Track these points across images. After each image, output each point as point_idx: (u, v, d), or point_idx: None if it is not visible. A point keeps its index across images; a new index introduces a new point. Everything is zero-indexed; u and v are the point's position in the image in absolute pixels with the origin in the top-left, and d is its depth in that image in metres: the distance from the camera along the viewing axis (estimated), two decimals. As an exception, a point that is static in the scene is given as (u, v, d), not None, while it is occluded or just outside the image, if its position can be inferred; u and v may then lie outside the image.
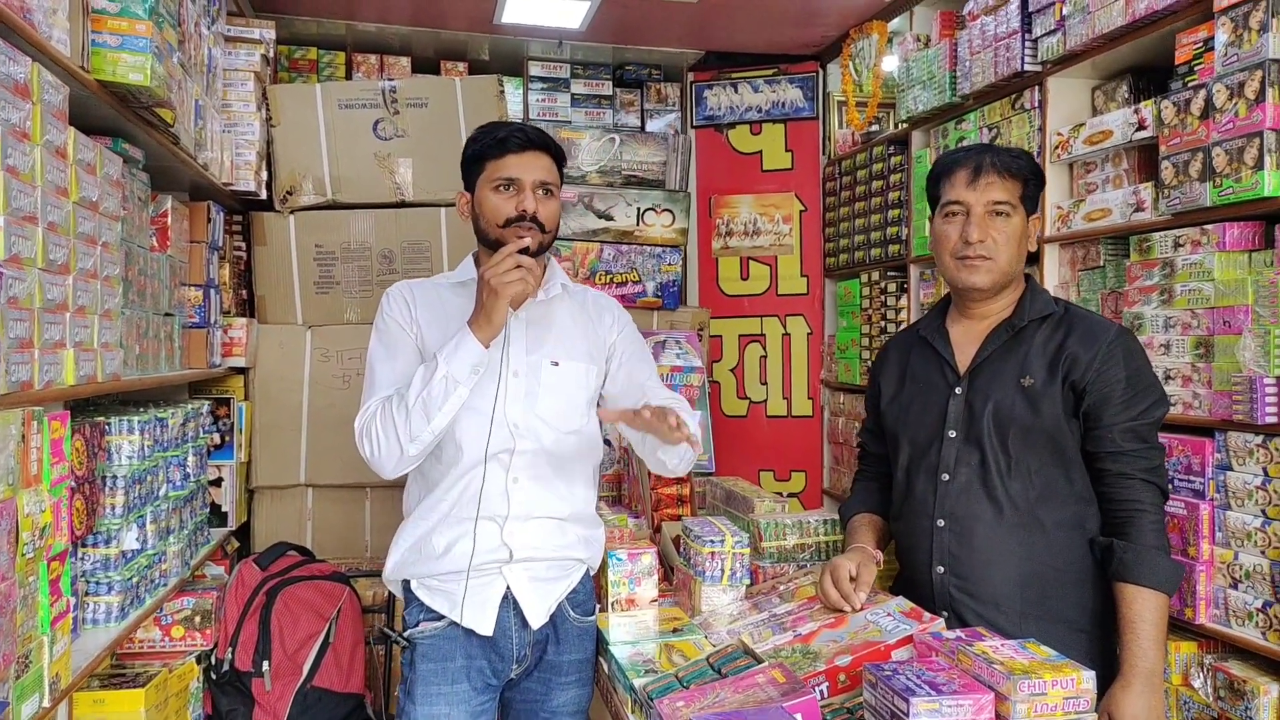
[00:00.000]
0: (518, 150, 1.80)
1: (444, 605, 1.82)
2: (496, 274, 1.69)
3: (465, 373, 1.71)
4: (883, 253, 3.58)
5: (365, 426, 1.78)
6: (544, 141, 1.83)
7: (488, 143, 1.81)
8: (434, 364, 1.72)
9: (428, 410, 1.70)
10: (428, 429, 1.72)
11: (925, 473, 1.87)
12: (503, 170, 1.80)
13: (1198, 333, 2.13)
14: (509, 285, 1.69)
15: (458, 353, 1.71)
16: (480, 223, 1.84)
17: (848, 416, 3.89)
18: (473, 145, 1.85)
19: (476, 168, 1.84)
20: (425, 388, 1.71)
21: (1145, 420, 1.74)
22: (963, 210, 1.83)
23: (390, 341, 1.85)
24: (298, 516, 3.30)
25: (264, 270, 3.32)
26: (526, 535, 1.81)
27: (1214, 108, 2.07)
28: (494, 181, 1.80)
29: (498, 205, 1.80)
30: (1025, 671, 1.37)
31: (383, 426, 1.74)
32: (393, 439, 1.73)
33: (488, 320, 1.71)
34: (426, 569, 1.83)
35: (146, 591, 2.16)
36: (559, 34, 3.90)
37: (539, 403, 1.82)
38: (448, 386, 1.70)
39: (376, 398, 1.79)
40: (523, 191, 1.79)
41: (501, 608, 1.81)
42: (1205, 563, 2.09)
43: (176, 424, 2.39)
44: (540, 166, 1.81)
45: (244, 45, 3.08)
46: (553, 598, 1.85)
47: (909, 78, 3.29)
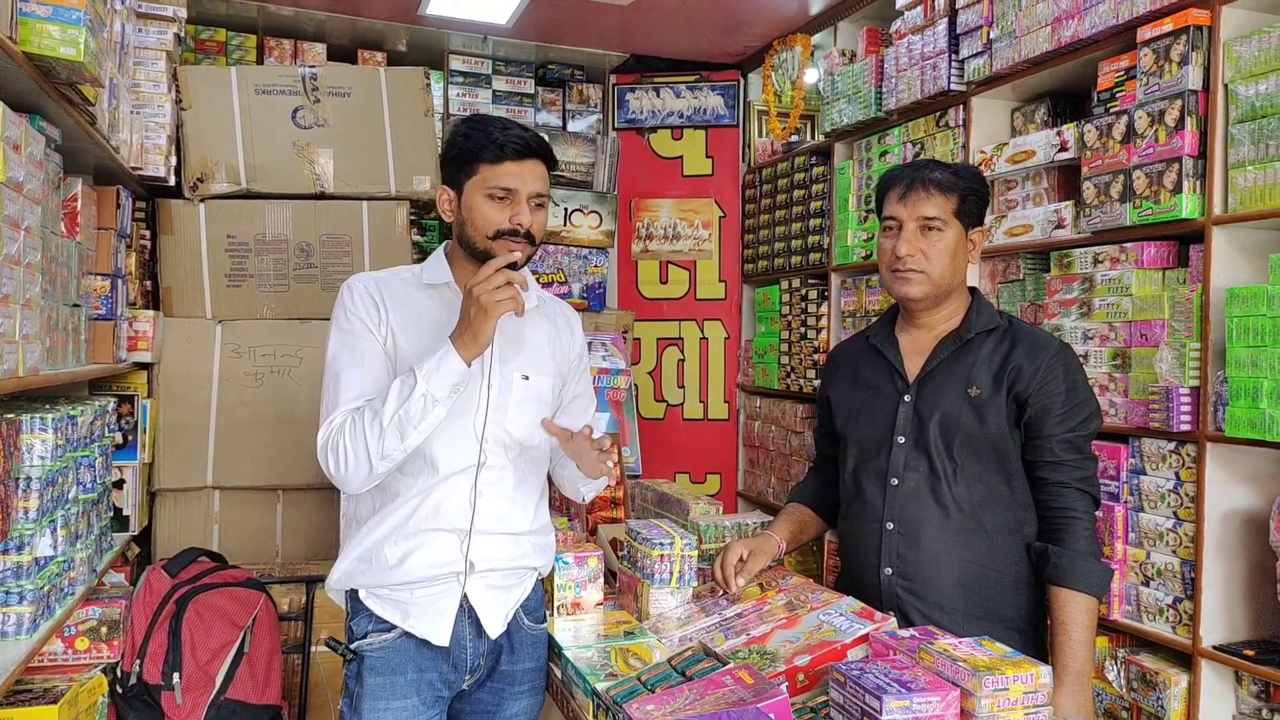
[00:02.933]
0: (517, 158, 1.69)
1: (396, 615, 1.74)
2: (486, 291, 1.57)
3: (445, 392, 1.61)
4: (803, 260, 3.66)
5: (331, 441, 1.66)
6: (543, 149, 1.73)
7: (484, 144, 1.69)
8: (412, 379, 1.61)
9: (403, 429, 1.60)
10: (401, 448, 1.62)
11: (874, 476, 1.92)
12: (500, 178, 1.68)
13: (1115, 345, 2.26)
14: (499, 304, 1.58)
15: (439, 371, 1.60)
16: (467, 229, 1.73)
17: (764, 420, 3.96)
18: (464, 142, 1.71)
19: (467, 168, 1.71)
20: (402, 406, 1.60)
21: (1081, 432, 1.84)
22: (896, 224, 1.90)
23: (356, 345, 1.72)
24: (203, 520, 3.14)
25: (171, 261, 3.14)
26: (489, 549, 1.76)
27: (1135, 133, 2.19)
28: (489, 189, 1.68)
29: (490, 215, 1.69)
30: (988, 668, 1.42)
31: (352, 443, 1.63)
32: (363, 457, 1.63)
33: (474, 339, 1.60)
34: (378, 579, 1.74)
35: (57, 601, 2.02)
36: (485, 29, 3.85)
37: (508, 417, 1.76)
38: (426, 405, 1.60)
39: (343, 409, 1.67)
40: (519, 204, 1.69)
41: (457, 617, 1.75)
42: (1119, 562, 2.22)
43: (86, 422, 2.24)
44: (537, 176, 1.72)
45: (156, 22, 2.92)
46: (509, 605, 1.81)
47: (834, 91, 3.38)
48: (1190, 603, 2.06)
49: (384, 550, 1.73)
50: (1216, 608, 2.04)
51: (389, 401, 1.61)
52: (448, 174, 1.75)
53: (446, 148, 1.76)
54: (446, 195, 1.76)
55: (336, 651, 1.78)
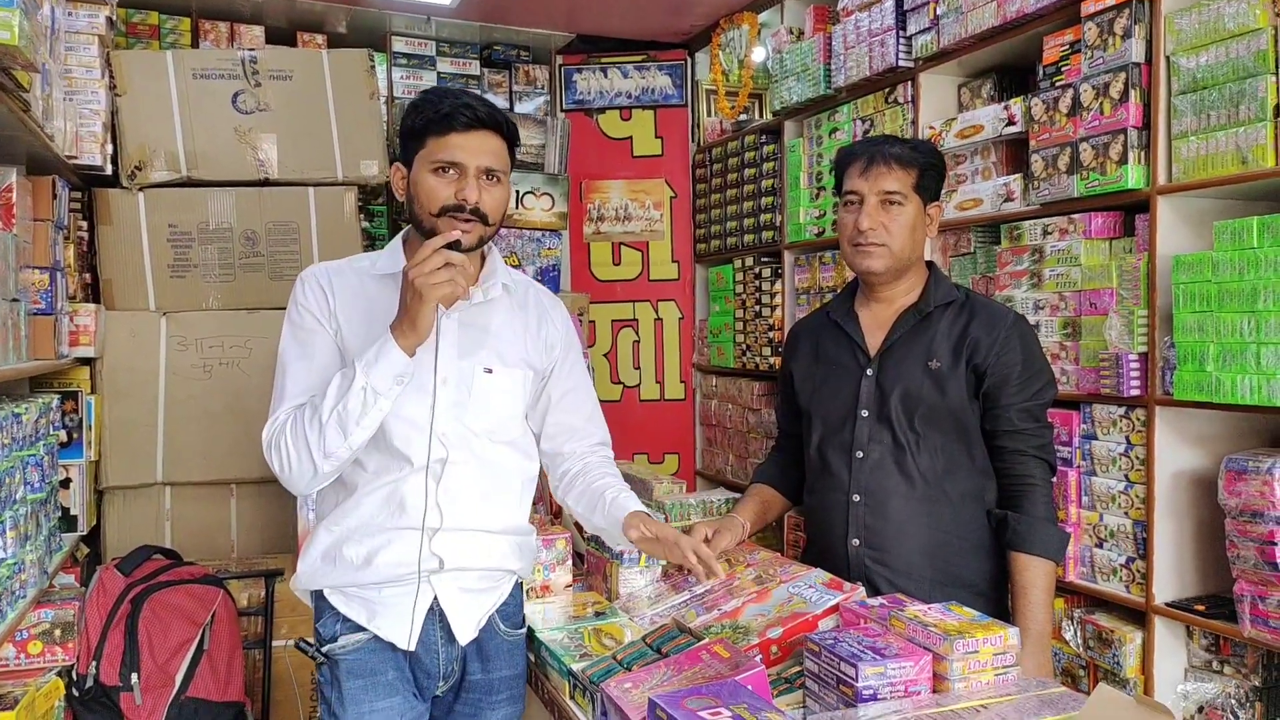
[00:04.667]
0: (463, 129, 1.57)
1: (362, 615, 1.66)
2: (421, 274, 1.48)
3: (387, 384, 1.52)
4: (756, 239, 3.68)
5: (274, 439, 1.59)
6: (495, 119, 1.60)
7: (431, 116, 1.59)
8: (352, 372, 1.52)
9: (344, 425, 1.52)
10: (344, 445, 1.54)
11: (839, 450, 1.95)
12: (444, 151, 1.57)
13: (1065, 314, 2.31)
14: (435, 288, 1.49)
15: (379, 362, 1.51)
16: (414, 206, 1.63)
17: (720, 399, 3.98)
18: (414, 115, 1.62)
19: (416, 143, 1.61)
20: (341, 400, 1.51)
21: (1038, 401, 1.88)
22: (858, 199, 1.92)
23: (305, 338, 1.64)
24: (154, 518, 3.06)
25: (110, 252, 3.05)
26: (458, 546, 1.66)
27: (1081, 106, 2.24)
28: (434, 162, 1.58)
29: (434, 190, 1.58)
30: (959, 632, 1.45)
31: (294, 440, 1.56)
32: (304, 455, 1.55)
33: (412, 326, 1.52)
34: (343, 578, 1.66)
35: (8, 605, 1.96)
36: (428, 9, 3.78)
37: (469, 413, 1.65)
38: (367, 399, 1.51)
39: (287, 405, 1.60)
40: (465, 177, 1.57)
41: (426, 620, 1.65)
42: (1073, 525, 2.28)
43: (30, 420, 2.17)
44: (488, 150, 1.59)
45: (87, 6, 2.81)
46: (482, 610, 1.71)
47: (782, 69, 3.39)
48: (1143, 562, 2.13)
49: (345, 549, 1.65)
50: (1168, 566, 2.11)
51: (329, 397, 1.53)
52: (402, 150, 1.66)
53: (401, 123, 1.67)
54: (400, 173, 1.67)
55: (308, 654, 1.69)
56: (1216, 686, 2.06)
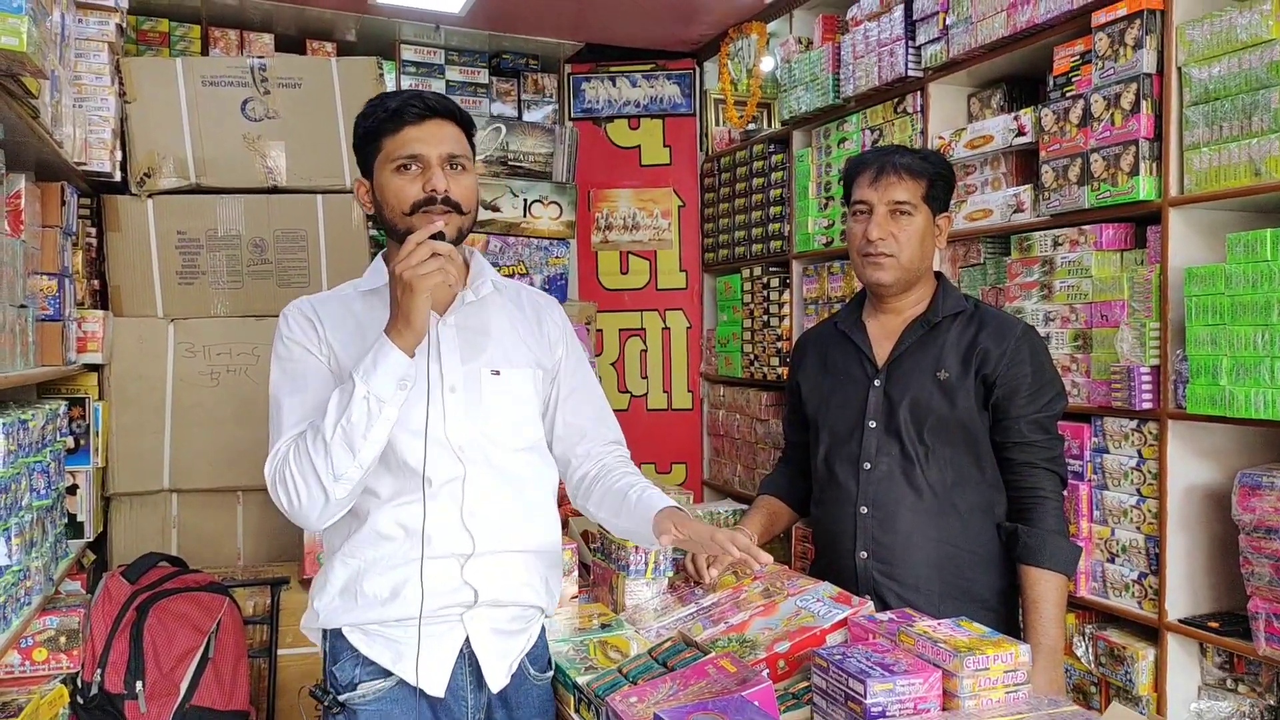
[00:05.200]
0: (416, 120, 1.52)
1: (385, 656, 1.54)
2: (409, 266, 1.41)
3: (390, 389, 1.44)
4: (764, 248, 3.67)
5: (278, 473, 1.48)
6: (447, 107, 1.56)
7: (380, 116, 1.54)
8: (350, 385, 1.44)
9: (350, 441, 1.42)
10: (353, 464, 1.44)
11: (846, 461, 1.93)
12: (402, 146, 1.52)
13: (1076, 326, 2.29)
14: (425, 277, 1.41)
15: (378, 367, 1.43)
16: (384, 213, 1.56)
17: (728, 409, 3.96)
18: (364, 121, 1.57)
19: (372, 148, 1.56)
20: (344, 415, 1.42)
21: (1048, 413, 1.86)
22: (867, 209, 1.91)
23: (296, 371, 1.55)
24: (161, 524, 3.06)
25: (119, 258, 3.05)
26: (493, 572, 1.56)
27: (1091, 116, 2.23)
28: (394, 161, 1.52)
29: (401, 188, 1.52)
30: (969, 648, 1.43)
31: (299, 469, 1.45)
32: (313, 483, 1.44)
33: (407, 323, 1.44)
34: (365, 615, 1.54)
35: (13, 612, 1.95)
36: (436, 17, 3.78)
37: (482, 418, 1.57)
38: (371, 408, 1.43)
39: (286, 437, 1.50)
40: (429, 168, 1.51)
41: (456, 663, 1.55)
42: (1084, 539, 2.26)
43: (37, 427, 2.17)
44: (446, 137, 1.54)
45: (97, 13, 2.82)
46: (515, 654, 1.61)
47: (791, 78, 3.38)
48: (1155, 577, 2.10)
49: (366, 583, 1.54)
50: (1180, 582, 2.08)
51: (330, 414, 1.44)
52: (360, 163, 1.61)
53: (354, 137, 1.62)
54: (363, 187, 1.61)
55: (322, 702, 1.57)
56: (1231, 705, 2.04)
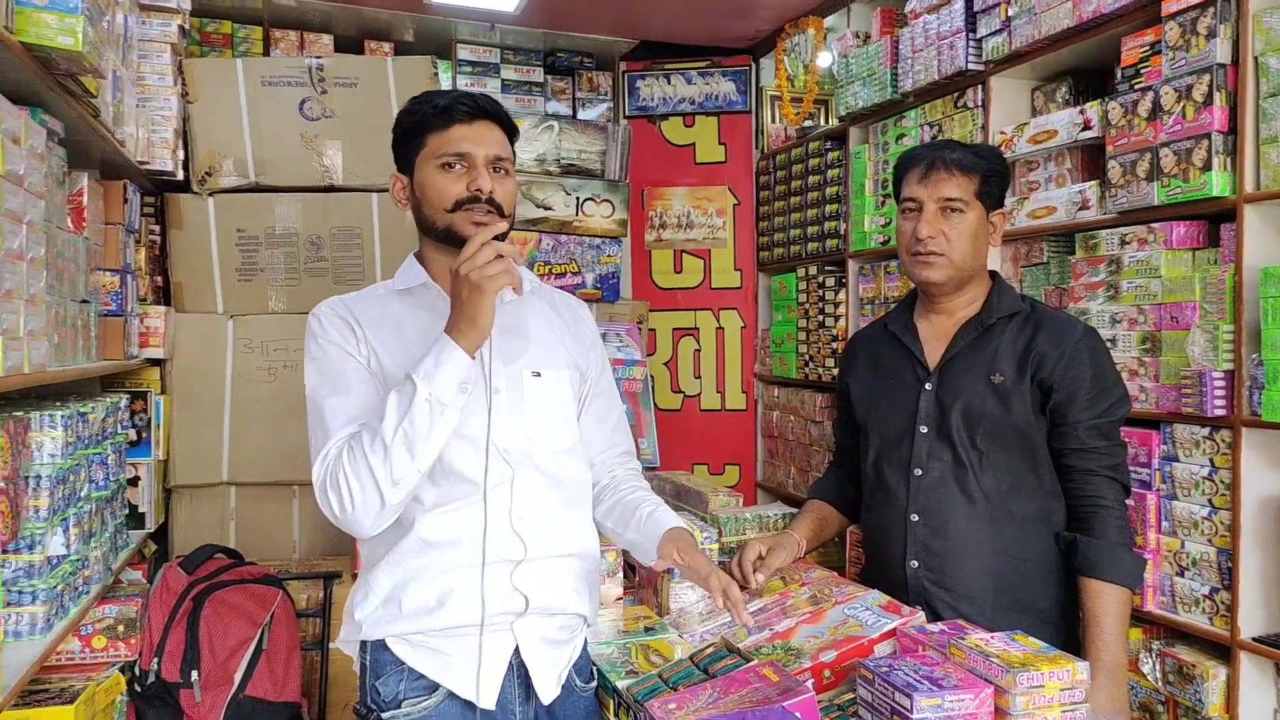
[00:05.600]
0: (466, 120, 1.51)
1: (433, 667, 1.49)
2: (475, 266, 1.38)
3: (452, 392, 1.39)
4: (820, 247, 3.60)
5: (329, 476, 1.42)
6: (496, 110, 1.55)
7: (428, 112, 1.52)
8: (409, 387, 1.39)
9: (411, 444, 1.37)
10: (412, 467, 1.39)
11: (896, 467, 1.88)
12: (449, 144, 1.50)
13: (1144, 328, 2.20)
14: (494, 279, 1.38)
15: (440, 368, 1.38)
16: (424, 209, 1.53)
17: (782, 410, 3.91)
18: (409, 117, 1.55)
19: (415, 143, 1.53)
20: (405, 417, 1.37)
21: (1109, 418, 1.78)
22: (916, 206, 1.85)
23: (335, 372, 1.50)
24: (220, 517, 3.12)
25: (181, 255, 3.12)
26: (543, 578, 1.53)
27: (1161, 109, 2.13)
28: (439, 158, 1.50)
29: (445, 186, 1.50)
30: (1022, 664, 1.37)
31: (354, 473, 1.39)
32: (370, 487, 1.39)
33: (471, 323, 1.40)
34: (411, 625, 1.49)
35: (71, 600, 2.00)
36: (491, 16, 3.79)
37: (526, 420, 1.53)
38: (433, 411, 1.38)
39: (335, 440, 1.44)
40: (475, 168, 1.50)
41: (505, 675, 1.51)
42: (1152, 551, 2.16)
43: (97, 419, 2.22)
44: (493, 139, 1.53)
45: (159, 14, 2.88)
46: (563, 664, 1.58)
47: (848, 74, 3.32)
48: (1227, 593, 2.00)
49: (412, 592, 1.49)
50: (1255, 598, 1.98)
51: (388, 416, 1.39)
52: (398, 158, 1.58)
53: (394, 131, 1.58)
54: (400, 183, 1.58)
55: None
56: (1306, 727, 1.93)
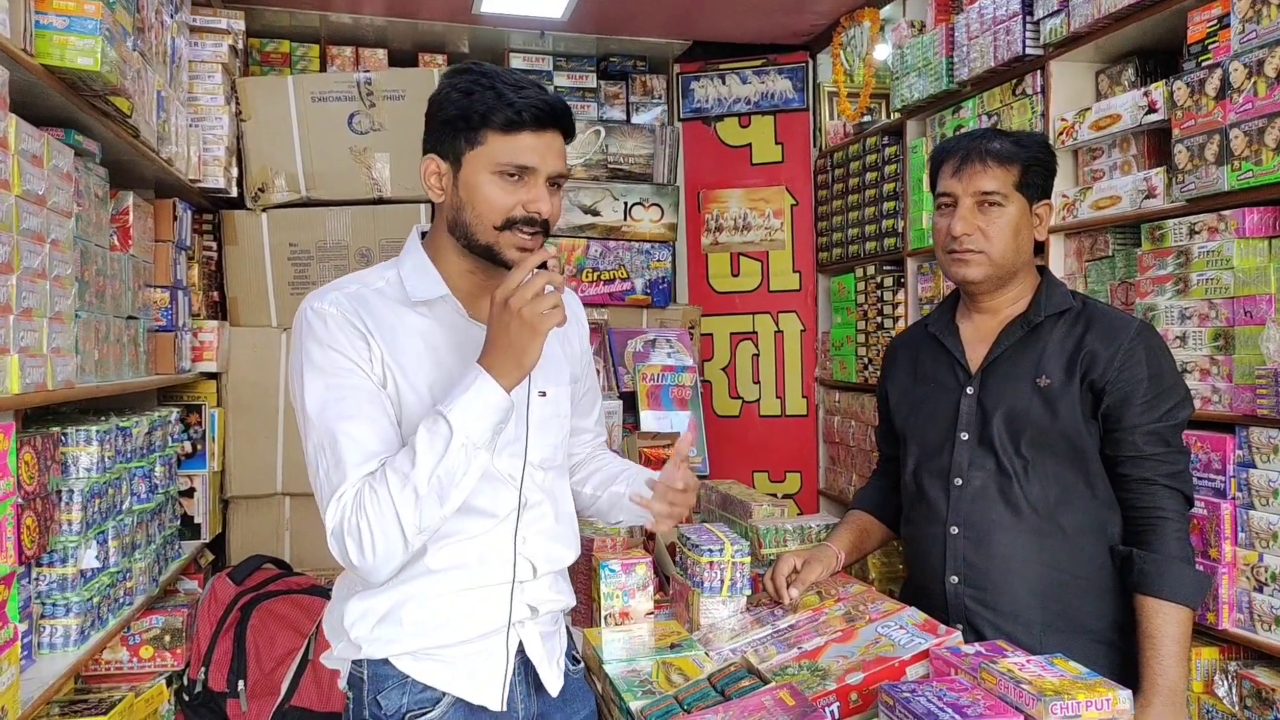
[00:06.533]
0: (537, 127, 1.33)
1: (440, 677, 1.42)
2: (527, 302, 1.25)
3: (487, 435, 1.28)
4: (878, 246, 3.48)
5: (348, 522, 1.27)
6: (566, 117, 1.38)
7: (493, 105, 1.31)
8: (443, 428, 1.26)
9: (444, 491, 1.27)
10: (440, 514, 1.29)
11: (936, 476, 1.77)
12: (516, 153, 1.32)
13: (1216, 324, 2.03)
14: (547, 318, 1.26)
15: (475, 408, 1.26)
16: (465, 214, 1.35)
17: (844, 415, 3.78)
18: (466, 100, 1.33)
19: (470, 135, 1.33)
20: (440, 462, 1.26)
21: (1168, 422, 1.64)
22: (951, 201, 1.74)
23: (348, 390, 1.32)
24: (275, 527, 3.17)
25: (236, 271, 3.18)
26: (546, 592, 1.51)
27: (1231, 87, 1.97)
28: (500, 165, 1.32)
29: (499, 200, 1.33)
30: (1056, 692, 1.26)
31: (379, 521, 1.26)
32: (394, 536, 1.26)
33: (518, 363, 1.28)
34: (414, 643, 1.41)
35: (110, 612, 2.04)
36: (540, 24, 3.78)
37: (534, 447, 1.45)
38: (468, 456, 1.27)
39: (352, 480, 1.28)
40: (536, 186, 1.34)
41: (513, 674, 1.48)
42: (1228, 565, 1.99)
43: (141, 433, 2.26)
44: (558, 152, 1.38)
45: (210, 36, 2.96)
46: (559, 654, 1.56)
47: (903, 65, 3.19)
48: (1310, 612, 1.83)
49: (412, 611, 1.41)
50: (1341, 617, 1.80)
51: (422, 461, 1.26)
52: (439, 140, 1.37)
53: (438, 106, 1.37)
54: (435, 167, 1.37)
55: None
56: (1406, 763, 1.74)
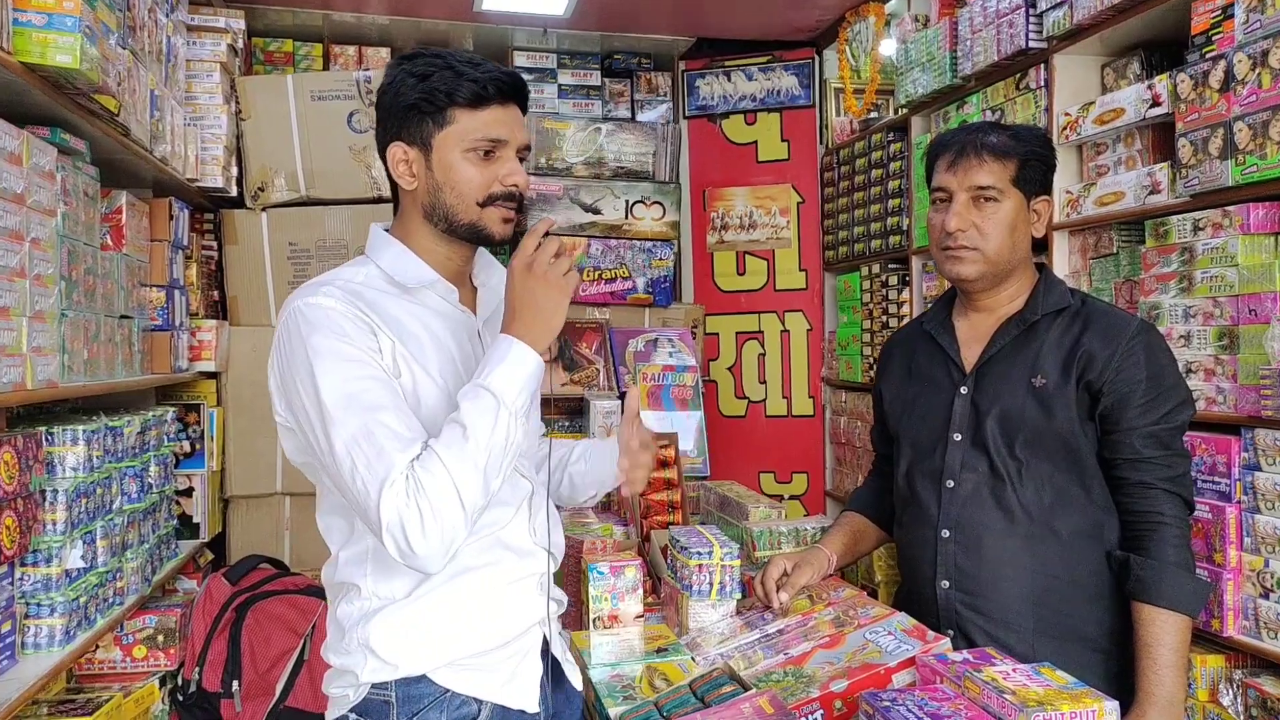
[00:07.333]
0: (502, 101, 1.33)
1: (484, 686, 1.37)
2: (548, 264, 1.27)
3: (526, 403, 1.27)
4: (883, 244, 3.43)
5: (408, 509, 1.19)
6: (525, 89, 1.39)
7: (455, 84, 1.31)
8: (485, 397, 1.23)
9: (500, 464, 1.24)
10: (492, 489, 1.26)
11: (928, 478, 1.73)
12: (487, 127, 1.32)
13: (1221, 322, 1.98)
14: (572, 279, 1.29)
15: (516, 377, 1.25)
16: (444, 196, 1.33)
17: (850, 415, 3.74)
18: (424, 85, 1.32)
19: (437, 117, 1.32)
20: (493, 432, 1.22)
21: (1168, 425, 1.60)
22: (946, 196, 1.70)
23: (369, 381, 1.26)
24: (274, 526, 3.16)
25: (236, 270, 3.18)
26: (554, 582, 1.51)
27: (1235, 79, 1.91)
28: (474, 141, 1.32)
29: (476, 176, 1.32)
30: (1040, 702, 1.22)
31: (440, 499, 1.19)
32: (457, 514, 1.21)
33: (548, 327, 1.28)
34: (457, 651, 1.36)
35: (99, 612, 2.03)
36: (542, 21, 3.76)
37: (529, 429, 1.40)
38: (515, 425, 1.25)
39: (400, 466, 1.20)
40: (509, 159, 1.35)
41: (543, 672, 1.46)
42: (1233, 570, 1.94)
43: (133, 432, 2.25)
44: (521, 123, 1.38)
45: (209, 35, 2.95)
46: (565, 645, 1.55)
47: (908, 60, 3.14)
48: (1315, 619, 1.78)
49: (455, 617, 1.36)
50: (1348, 625, 1.75)
51: (476, 430, 1.21)
52: (401, 127, 1.34)
53: (394, 93, 1.34)
54: (403, 154, 1.34)
55: None
56: None
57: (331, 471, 1.26)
